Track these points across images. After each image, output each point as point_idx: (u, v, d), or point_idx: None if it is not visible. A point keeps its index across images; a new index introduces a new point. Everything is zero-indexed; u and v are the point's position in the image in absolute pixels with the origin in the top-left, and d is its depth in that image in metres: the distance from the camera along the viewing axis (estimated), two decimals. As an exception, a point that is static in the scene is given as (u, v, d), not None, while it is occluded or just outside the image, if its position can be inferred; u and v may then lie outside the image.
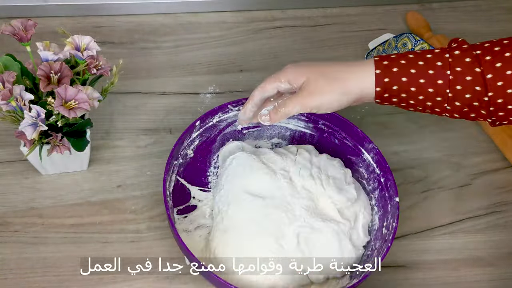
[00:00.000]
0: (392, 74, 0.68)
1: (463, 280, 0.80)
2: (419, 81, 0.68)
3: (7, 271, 0.74)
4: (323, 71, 0.71)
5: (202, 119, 0.82)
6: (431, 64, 0.68)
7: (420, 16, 1.08)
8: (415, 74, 0.68)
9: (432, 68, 0.67)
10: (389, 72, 0.68)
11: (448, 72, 0.67)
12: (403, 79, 0.68)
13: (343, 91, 0.70)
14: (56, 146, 0.72)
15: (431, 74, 0.67)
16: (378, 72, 0.68)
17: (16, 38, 0.72)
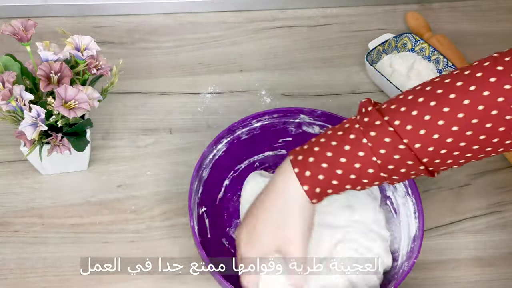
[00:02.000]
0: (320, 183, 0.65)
1: (463, 280, 0.80)
2: (350, 178, 0.64)
3: (7, 271, 0.74)
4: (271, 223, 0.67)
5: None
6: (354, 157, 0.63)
7: (420, 16, 1.08)
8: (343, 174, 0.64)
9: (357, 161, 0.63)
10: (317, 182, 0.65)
11: (374, 159, 0.63)
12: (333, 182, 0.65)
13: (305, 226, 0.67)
14: (56, 146, 0.72)
15: (359, 168, 0.64)
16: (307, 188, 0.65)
17: (16, 38, 0.72)
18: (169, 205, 0.82)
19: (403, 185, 0.78)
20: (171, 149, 0.87)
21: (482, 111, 0.59)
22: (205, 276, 0.76)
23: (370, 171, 0.64)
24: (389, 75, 0.98)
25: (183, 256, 0.77)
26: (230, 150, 0.83)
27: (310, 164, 0.65)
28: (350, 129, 0.65)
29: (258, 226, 0.68)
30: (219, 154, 0.82)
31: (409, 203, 0.77)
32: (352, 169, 0.64)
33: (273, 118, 0.84)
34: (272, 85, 0.97)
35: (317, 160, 0.65)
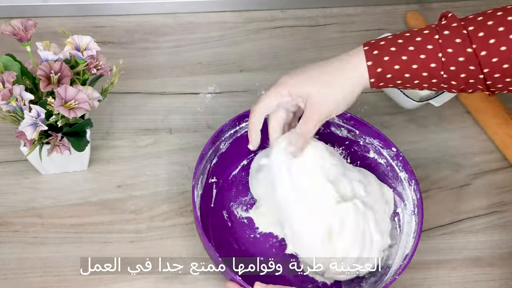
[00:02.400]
0: (384, 64, 0.68)
1: (463, 280, 0.80)
2: (412, 67, 0.68)
3: (7, 271, 0.74)
4: (321, 79, 0.71)
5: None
6: (421, 48, 0.67)
7: (420, 16, 1.08)
8: (407, 60, 0.68)
9: (424, 53, 0.67)
10: (381, 62, 0.68)
11: (440, 55, 0.66)
12: (395, 67, 0.68)
13: (346, 92, 0.70)
14: (56, 146, 0.73)
15: (423, 59, 0.67)
16: (370, 64, 0.69)
17: (16, 38, 0.72)
18: (169, 205, 0.82)
19: (412, 203, 0.78)
20: (171, 149, 0.87)
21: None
22: (205, 276, 0.76)
23: (433, 65, 0.67)
24: (389, 75, 0.98)
25: (183, 256, 0.77)
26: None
27: (380, 46, 0.69)
28: (427, 27, 0.69)
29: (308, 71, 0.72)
30: (241, 132, 0.83)
31: (413, 223, 0.77)
32: (417, 59, 0.67)
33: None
34: (272, 85, 0.97)
35: (387, 44, 0.69)
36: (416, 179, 0.78)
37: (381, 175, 0.83)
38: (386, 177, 0.82)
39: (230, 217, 0.81)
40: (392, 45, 0.69)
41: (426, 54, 0.67)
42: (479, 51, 0.65)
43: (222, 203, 0.82)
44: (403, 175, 0.80)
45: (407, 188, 0.79)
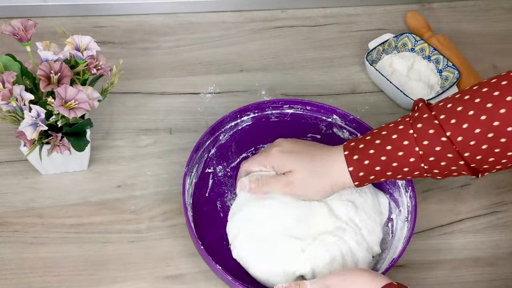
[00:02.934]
0: (365, 168, 0.71)
1: (463, 280, 0.80)
2: (392, 165, 0.70)
3: (7, 271, 0.74)
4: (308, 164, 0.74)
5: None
6: (398, 145, 0.69)
7: (420, 16, 1.08)
8: (386, 160, 0.70)
9: (401, 149, 0.69)
10: (362, 166, 0.71)
11: (417, 149, 0.68)
12: (376, 168, 0.71)
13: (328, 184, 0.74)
14: (56, 146, 0.73)
15: (401, 156, 0.69)
16: (351, 169, 0.71)
17: (16, 38, 0.72)
18: (169, 205, 0.82)
19: (406, 209, 0.78)
20: (171, 149, 0.87)
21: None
22: (205, 276, 0.76)
23: (412, 159, 0.69)
24: (389, 75, 0.98)
25: (183, 256, 0.77)
26: (256, 126, 0.86)
27: (360, 150, 0.71)
28: (401, 121, 0.71)
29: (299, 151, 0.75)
30: (242, 125, 0.84)
31: (405, 229, 0.77)
32: (395, 157, 0.69)
33: (305, 110, 0.86)
34: (272, 85, 0.97)
35: (366, 147, 0.71)
36: (412, 185, 0.78)
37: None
38: (383, 183, 0.82)
39: (223, 208, 0.81)
40: (371, 148, 0.71)
41: (403, 150, 0.69)
42: (455, 137, 0.66)
43: (217, 194, 0.82)
44: (401, 181, 0.79)
45: (404, 194, 0.79)
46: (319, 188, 0.74)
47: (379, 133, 0.71)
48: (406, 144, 0.69)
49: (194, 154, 0.78)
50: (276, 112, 0.86)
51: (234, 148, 0.86)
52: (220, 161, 0.84)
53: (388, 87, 0.96)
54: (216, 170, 0.84)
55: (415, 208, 0.76)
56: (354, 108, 0.96)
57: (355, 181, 0.72)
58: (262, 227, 0.75)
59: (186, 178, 0.76)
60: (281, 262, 0.73)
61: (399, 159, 0.69)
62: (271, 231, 0.75)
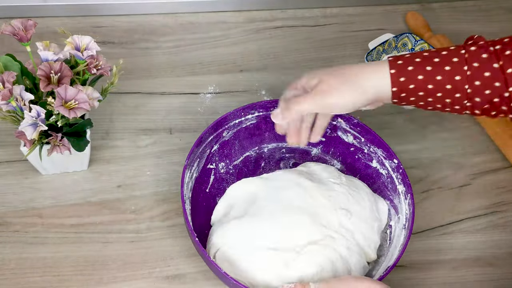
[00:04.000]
0: (407, 73, 0.67)
1: (463, 280, 0.80)
2: (436, 78, 0.67)
3: (7, 271, 0.74)
4: (336, 72, 0.70)
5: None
6: (447, 60, 0.67)
7: (420, 16, 1.08)
8: (431, 71, 0.67)
9: (449, 64, 0.66)
10: (405, 71, 0.67)
11: (465, 68, 0.66)
12: (419, 77, 0.67)
13: (358, 90, 0.69)
14: (56, 146, 0.73)
15: (447, 71, 0.66)
16: (393, 71, 0.68)
17: (16, 38, 0.72)
18: (169, 205, 0.82)
19: (405, 216, 0.77)
20: (171, 149, 0.87)
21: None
22: (205, 276, 0.76)
23: (457, 77, 0.66)
24: (389, 75, 0.98)
25: (183, 256, 0.77)
26: (260, 126, 0.86)
27: (408, 72, 0.67)
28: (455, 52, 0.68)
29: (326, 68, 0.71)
30: (247, 123, 0.85)
31: (402, 236, 0.76)
32: (441, 70, 0.66)
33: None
34: (272, 85, 0.97)
35: (412, 55, 0.68)
36: (412, 193, 0.77)
37: (381, 186, 0.83)
38: (385, 189, 0.82)
39: None
40: (417, 57, 0.68)
41: (451, 66, 0.66)
42: (506, 68, 0.65)
43: (218, 190, 0.83)
44: (401, 188, 0.79)
45: (403, 201, 0.79)
46: (348, 95, 0.68)
47: (429, 50, 0.69)
48: (456, 61, 0.66)
49: (195, 148, 0.78)
50: None
51: (237, 146, 0.86)
52: (222, 158, 0.85)
53: (388, 87, 0.96)
54: (218, 167, 0.84)
55: (413, 216, 0.75)
56: (354, 108, 0.95)
57: (394, 86, 0.68)
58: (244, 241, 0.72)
59: (185, 171, 0.76)
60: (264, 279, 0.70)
61: (445, 73, 0.66)
62: (253, 246, 0.72)
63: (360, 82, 0.69)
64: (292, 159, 0.88)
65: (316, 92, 0.69)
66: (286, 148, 0.88)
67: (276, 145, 0.88)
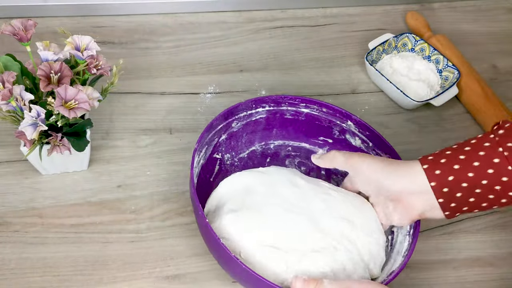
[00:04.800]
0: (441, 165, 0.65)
1: (463, 280, 0.80)
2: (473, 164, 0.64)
3: (7, 271, 0.74)
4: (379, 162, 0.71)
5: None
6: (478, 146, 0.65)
7: (420, 16, 1.08)
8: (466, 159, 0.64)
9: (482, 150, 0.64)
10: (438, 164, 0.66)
11: (500, 149, 0.63)
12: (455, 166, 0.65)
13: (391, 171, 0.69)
14: (56, 146, 0.73)
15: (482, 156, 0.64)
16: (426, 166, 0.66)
17: (16, 38, 0.72)
18: (169, 205, 0.82)
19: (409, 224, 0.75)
20: (171, 149, 0.87)
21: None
22: (205, 275, 0.76)
23: (504, 179, 0.63)
24: (389, 75, 0.98)
25: (183, 256, 0.77)
26: (270, 121, 0.85)
27: (441, 164, 0.65)
28: (485, 138, 0.65)
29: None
30: (257, 117, 0.84)
31: (406, 243, 0.75)
32: (485, 174, 0.63)
33: (321, 112, 0.84)
34: (272, 85, 0.97)
35: (449, 161, 0.65)
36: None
37: None
38: None
39: None
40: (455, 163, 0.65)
41: (494, 168, 0.63)
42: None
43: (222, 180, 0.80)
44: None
45: None
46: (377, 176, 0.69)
47: (460, 148, 0.66)
48: (497, 162, 0.63)
49: (205, 133, 0.77)
50: (292, 109, 0.84)
51: (245, 139, 0.85)
52: (229, 149, 0.84)
53: (388, 87, 0.96)
54: (224, 158, 0.84)
55: (419, 223, 0.73)
56: (354, 108, 0.96)
57: (432, 181, 0.65)
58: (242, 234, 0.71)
59: (195, 155, 0.75)
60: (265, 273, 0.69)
61: (489, 177, 0.63)
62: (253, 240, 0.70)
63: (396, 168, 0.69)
64: (298, 157, 0.87)
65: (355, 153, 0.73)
66: (292, 147, 0.87)
67: (282, 142, 0.87)
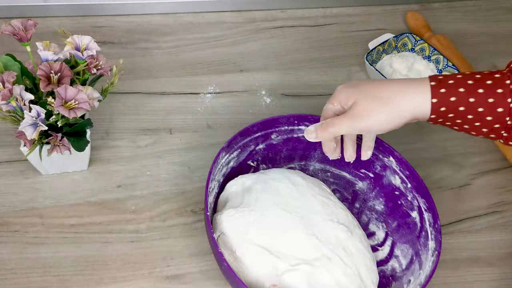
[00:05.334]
0: (448, 86, 0.67)
1: (463, 280, 0.80)
2: (477, 110, 0.66)
3: (7, 271, 0.74)
4: (373, 91, 0.69)
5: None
6: (491, 91, 0.66)
7: (420, 16, 1.08)
8: (474, 103, 0.66)
9: (493, 96, 0.65)
10: (447, 102, 0.67)
11: (509, 100, 0.65)
12: (460, 108, 0.66)
13: (395, 112, 0.68)
14: (56, 146, 0.73)
15: (491, 103, 0.65)
16: (435, 101, 0.67)
17: (16, 38, 0.72)
18: (169, 205, 0.82)
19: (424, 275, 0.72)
20: (171, 149, 0.87)
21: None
22: (205, 275, 0.76)
23: (499, 110, 0.65)
24: (389, 75, 0.98)
25: (183, 256, 0.77)
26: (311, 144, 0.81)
27: (449, 85, 0.67)
28: (497, 71, 0.67)
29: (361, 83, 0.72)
30: (299, 134, 0.81)
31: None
32: (484, 103, 0.65)
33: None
34: (272, 85, 0.97)
35: (456, 83, 0.67)
36: (440, 251, 0.71)
37: (414, 238, 0.77)
38: (417, 242, 0.76)
39: None
40: (461, 86, 0.67)
41: (495, 98, 0.65)
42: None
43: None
44: (432, 244, 0.74)
45: (430, 258, 0.73)
46: (385, 118, 0.68)
47: (472, 74, 0.67)
48: (500, 92, 0.65)
49: (238, 136, 0.76)
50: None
51: (284, 154, 0.83)
52: (266, 160, 0.82)
53: (388, 87, 0.96)
54: (259, 167, 0.82)
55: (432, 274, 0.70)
56: (354, 108, 0.95)
57: (433, 114, 0.67)
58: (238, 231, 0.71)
59: (221, 153, 0.74)
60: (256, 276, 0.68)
61: (488, 105, 0.65)
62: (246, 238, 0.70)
63: (398, 103, 0.68)
64: (335, 185, 0.85)
65: (352, 115, 0.70)
66: (332, 173, 0.84)
67: (323, 166, 0.84)
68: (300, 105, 0.95)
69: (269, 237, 0.70)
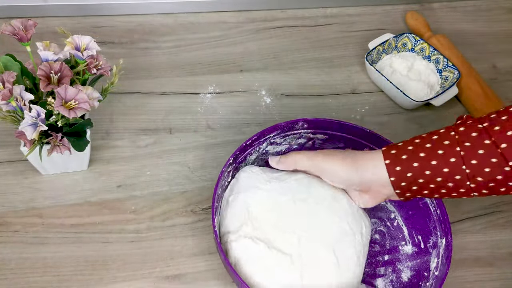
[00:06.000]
0: (402, 162, 0.68)
1: (463, 280, 0.80)
2: (431, 163, 0.67)
3: (7, 271, 0.74)
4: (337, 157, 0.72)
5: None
6: (438, 144, 0.67)
7: (420, 16, 1.08)
8: (426, 157, 0.67)
9: (441, 148, 0.66)
10: (399, 160, 0.68)
11: (458, 149, 0.65)
12: (414, 164, 0.67)
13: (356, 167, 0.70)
14: (56, 146, 0.73)
15: (441, 154, 0.66)
16: (388, 162, 0.68)
17: (16, 38, 0.72)
18: (169, 205, 0.82)
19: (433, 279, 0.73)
20: (171, 149, 0.87)
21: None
22: (205, 275, 0.76)
23: (452, 160, 0.66)
24: (389, 75, 0.98)
25: (183, 256, 0.77)
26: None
27: (402, 161, 0.68)
28: (446, 135, 0.68)
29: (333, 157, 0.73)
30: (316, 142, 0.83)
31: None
32: (441, 173, 0.66)
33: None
34: (272, 85, 0.97)
35: (409, 158, 0.68)
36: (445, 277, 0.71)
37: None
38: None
39: None
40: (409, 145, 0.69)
41: (444, 149, 0.66)
42: (499, 144, 0.63)
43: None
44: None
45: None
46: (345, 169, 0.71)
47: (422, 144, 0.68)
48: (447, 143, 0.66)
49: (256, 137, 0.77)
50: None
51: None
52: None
53: (388, 87, 0.96)
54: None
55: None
56: (354, 108, 0.96)
57: (392, 176, 0.69)
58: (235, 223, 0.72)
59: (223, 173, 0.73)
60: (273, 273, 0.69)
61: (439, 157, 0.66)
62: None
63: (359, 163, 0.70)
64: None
65: (317, 153, 0.73)
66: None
67: None
68: (300, 105, 0.95)
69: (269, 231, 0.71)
